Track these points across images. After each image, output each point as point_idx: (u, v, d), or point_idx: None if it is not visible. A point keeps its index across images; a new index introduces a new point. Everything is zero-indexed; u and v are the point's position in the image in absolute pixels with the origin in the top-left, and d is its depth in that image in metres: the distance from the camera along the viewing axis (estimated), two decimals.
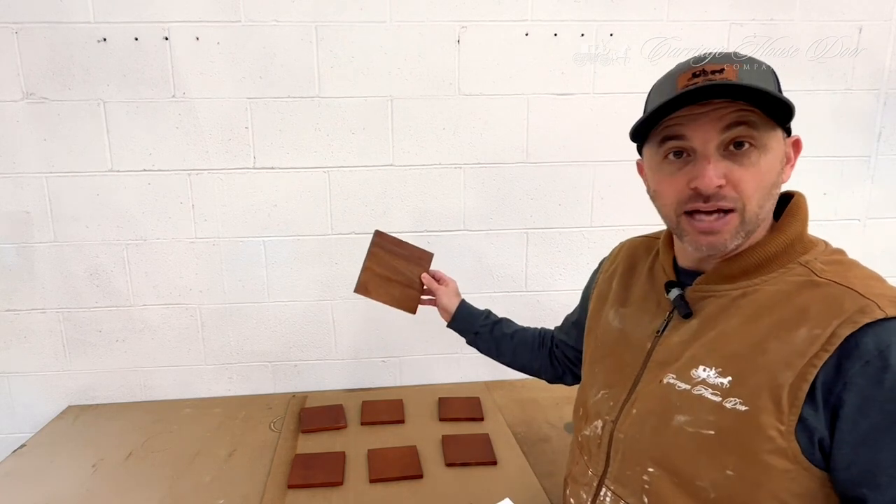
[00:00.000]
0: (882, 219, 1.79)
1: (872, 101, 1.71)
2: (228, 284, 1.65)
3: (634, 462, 0.73)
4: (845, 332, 0.58)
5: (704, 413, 0.65)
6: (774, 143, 0.65)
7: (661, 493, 0.69)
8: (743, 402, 0.62)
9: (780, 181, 0.67)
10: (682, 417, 0.67)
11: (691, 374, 0.68)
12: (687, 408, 0.67)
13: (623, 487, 0.75)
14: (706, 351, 0.67)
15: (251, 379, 1.72)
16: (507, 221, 1.68)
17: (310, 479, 1.23)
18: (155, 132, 1.55)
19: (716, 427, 0.64)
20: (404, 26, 1.55)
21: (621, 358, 0.79)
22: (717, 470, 0.64)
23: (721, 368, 0.65)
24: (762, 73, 0.65)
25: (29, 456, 1.39)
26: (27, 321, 1.62)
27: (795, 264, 0.66)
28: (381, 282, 1.24)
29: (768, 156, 0.64)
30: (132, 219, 1.59)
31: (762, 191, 0.65)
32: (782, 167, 0.67)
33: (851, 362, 0.57)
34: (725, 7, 1.61)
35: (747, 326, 0.65)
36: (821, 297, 0.61)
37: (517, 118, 1.62)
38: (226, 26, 1.51)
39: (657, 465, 0.70)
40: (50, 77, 1.50)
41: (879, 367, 0.56)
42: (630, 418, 0.74)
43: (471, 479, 1.24)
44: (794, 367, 0.60)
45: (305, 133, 1.58)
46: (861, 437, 0.58)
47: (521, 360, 1.19)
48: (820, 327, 0.59)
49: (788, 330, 0.61)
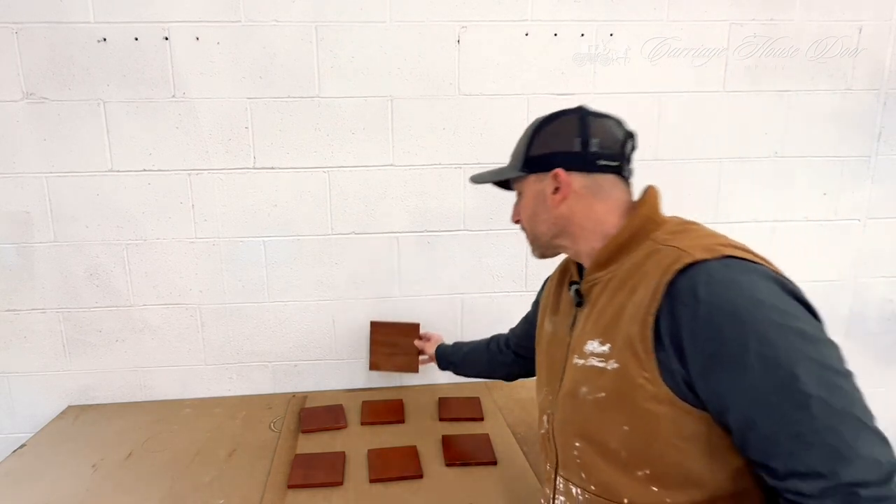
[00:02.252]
0: (882, 219, 1.79)
1: (872, 101, 1.71)
2: (228, 284, 1.65)
3: (567, 442, 0.82)
4: (666, 280, 0.68)
5: (596, 379, 0.76)
6: (524, 187, 0.90)
7: (591, 464, 0.78)
8: (616, 360, 0.73)
9: (542, 210, 0.86)
10: (584, 388, 0.78)
11: (584, 350, 0.79)
12: (585, 379, 0.78)
13: (567, 471, 0.83)
14: (591, 327, 0.79)
15: (251, 379, 1.72)
16: (507, 221, 1.67)
17: (310, 479, 1.23)
18: (155, 132, 1.55)
19: (605, 388, 0.74)
20: (404, 26, 1.55)
21: (553, 356, 0.90)
22: (617, 428, 0.73)
23: (601, 338, 0.76)
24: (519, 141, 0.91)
25: (29, 456, 1.39)
26: (27, 321, 1.62)
27: (646, 241, 0.77)
28: (386, 358, 1.66)
29: (525, 197, 0.90)
30: (132, 219, 1.59)
31: (527, 220, 0.91)
32: (543, 199, 0.85)
33: (676, 305, 0.67)
34: (725, 7, 1.61)
35: (613, 298, 0.77)
36: (658, 260, 0.72)
37: (517, 118, 1.62)
38: (226, 26, 1.51)
39: (580, 437, 0.79)
40: (50, 77, 1.50)
41: (693, 303, 0.65)
42: (559, 404, 0.85)
43: (471, 479, 1.24)
44: (637, 320, 0.70)
45: (305, 133, 1.58)
46: (701, 370, 0.65)
47: (494, 370, 1.36)
48: (652, 283, 0.70)
49: (635, 292, 0.73)
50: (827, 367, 0.60)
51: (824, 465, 0.57)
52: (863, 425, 0.58)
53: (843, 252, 1.80)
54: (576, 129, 0.82)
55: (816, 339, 0.61)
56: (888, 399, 1.88)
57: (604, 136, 0.82)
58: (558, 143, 0.83)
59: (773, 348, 0.60)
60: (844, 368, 0.61)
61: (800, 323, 0.62)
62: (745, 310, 0.62)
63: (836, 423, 0.58)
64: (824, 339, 0.62)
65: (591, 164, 0.82)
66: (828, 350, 0.61)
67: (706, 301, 0.64)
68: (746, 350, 0.61)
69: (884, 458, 0.57)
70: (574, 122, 0.83)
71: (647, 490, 0.72)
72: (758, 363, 0.61)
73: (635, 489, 0.73)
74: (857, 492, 0.56)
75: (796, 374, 0.59)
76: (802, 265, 1.78)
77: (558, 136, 0.84)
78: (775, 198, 1.74)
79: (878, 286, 1.83)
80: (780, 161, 1.72)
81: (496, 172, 0.95)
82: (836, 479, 0.57)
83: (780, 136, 1.71)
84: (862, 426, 0.58)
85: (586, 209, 0.83)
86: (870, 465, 0.57)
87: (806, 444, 0.58)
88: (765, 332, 0.61)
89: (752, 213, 1.74)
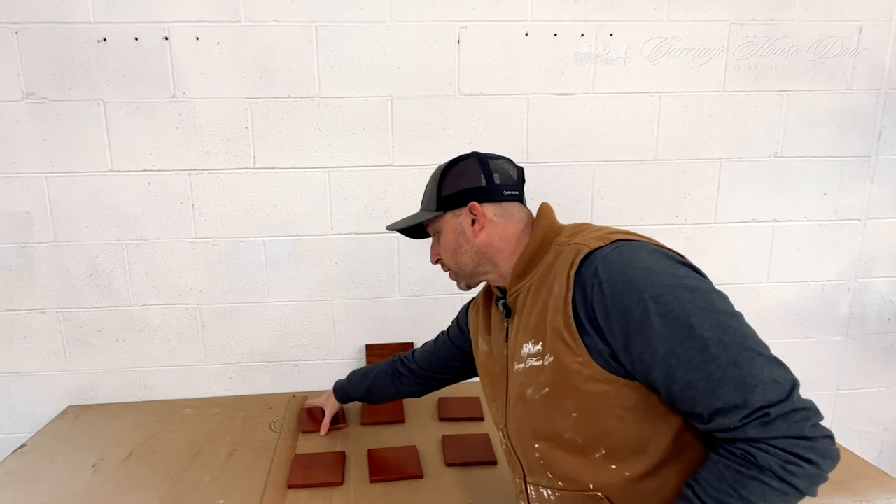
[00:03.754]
0: (882, 219, 1.79)
1: (872, 101, 1.71)
2: (228, 284, 1.65)
3: (525, 446, 0.87)
4: (573, 272, 0.77)
5: (537, 377, 0.82)
6: (443, 225, 0.95)
7: (553, 460, 0.83)
8: (550, 354, 0.79)
9: (465, 243, 0.93)
10: (530, 390, 0.83)
11: (521, 354, 0.85)
12: (528, 381, 0.84)
13: (534, 475, 0.88)
14: (522, 332, 0.86)
15: (251, 379, 1.72)
16: None
17: (310, 479, 1.23)
18: (155, 132, 1.55)
19: (548, 383, 0.80)
20: (404, 26, 1.55)
21: (493, 372, 0.96)
22: (566, 417, 0.79)
23: (534, 339, 0.83)
24: (429, 185, 0.98)
25: (29, 456, 1.39)
26: (27, 321, 1.62)
27: (553, 246, 0.85)
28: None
29: (444, 235, 0.95)
30: (132, 219, 1.59)
31: (450, 258, 0.96)
32: (464, 232, 0.92)
33: (586, 290, 0.75)
34: (725, 7, 1.61)
35: (536, 301, 0.83)
36: (563, 258, 0.80)
37: (517, 118, 1.62)
38: (226, 26, 1.51)
39: (537, 438, 0.84)
40: (50, 77, 1.50)
41: (596, 284, 0.73)
42: (509, 414, 0.90)
43: (471, 479, 1.24)
44: (559, 311, 0.77)
45: (305, 133, 1.58)
46: (621, 341, 0.72)
47: (405, 394, 1.34)
48: (562, 277, 0.78)
49: (551, 289, 0.80)
50: (717, 312, 0.68)
51: (737, 396, 0.65)
52: (757, 354, 0.66)
53: (843, 252, 1.80)
54: (478, 168, 0.93)
55: (704, 291, 0.70)
56: (888, 399, 1.88)
57: (501, 172, 0.93)
58: (466, 181, 0.92)
59: (668, 306, 0.69)
60: (733, 310, 0.70)
61: (687, 280, 0.71)
62: (638, 279, 0.71)
63: (736, 358, 0.66)
64: (710, 289, 0.71)
65: (498, 193, 0.92)
66: (714, 297, 0.70)
67: (606, 280, 0.73)
68: (648, 313, 0.69)
69: (782, 379, 0.65)
70: (475, 164, 0.93)
71: (606, 469, 0.78)
72: (659, 321, 0.69)
73: (597, 472, 0.79)
74: (768, 412, 0.64)
75: (692, 323, 0.67)
76: (802, 265, 1.78)
77: (464, 175, 0.93)
78: (775, 198, 1.74)
79: (878, 286, 1.83)
80: (780, 161, 1.72)
81: (413, 217, 1.00)
82: (749, 407, 0.64)
83: (780, 136, 1.71)
84: (757, 355, 0.66)
85: (501, 233, 0.91)
86: (772, 386, 0.64)
87: (717, 382, 0.66)
88: (658, 293, 0.69)
89: (752, 213, 1.74)
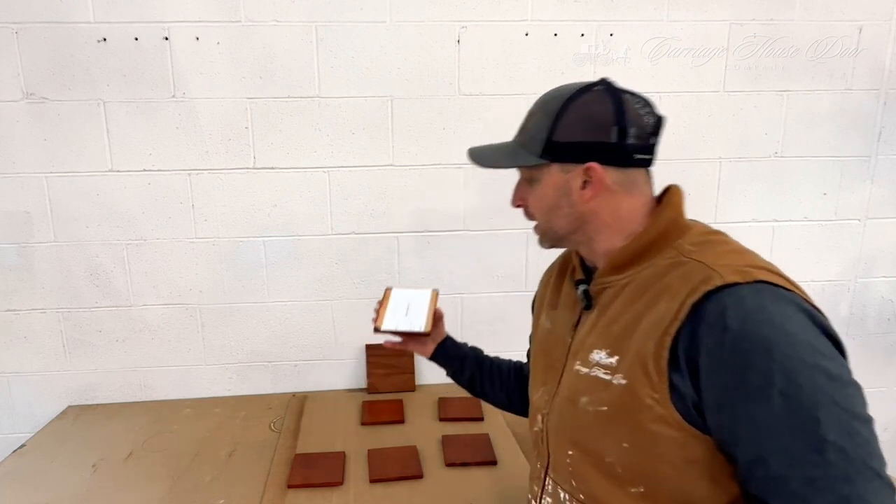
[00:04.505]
0: (882, 219, 1.79)
1: (872, 101, 1.71)
2: (228, 284, 1.65)
3: (560, 448, 0.79)
4: (691, 301, 0.64)
5: (599, 391, 0.72)
6: (543, 175, 0.77)
7: (583, 473, 0.75)
8: (624, 376, 0.69)
9: (566, 203, 0.77)
10: (585, 398, 0.74)
11: (589, 359, 0.74)
12: (587, 389, 0.74)
13: (558, 474, 0.81)
14: (598, 336, 0.74)
15: (251, 379, 1.72)
16: (507, 221, 1.68)
17: (310, 479, 1.23)
18: (155, 132, 1.55)
19: (608, 403, 0.70)
20: (404, 26, 1.55)
21: (551, 355, 0.85)
22: (616, 444, 0.70)
23: (609, 349, 0.72)
24: (538, 117, 0.77)
25: (29, 456, 1.39)
26: (27, 321, 1.62)
27: (669, 248, 0.72)
28: (382, 379, 1.69)
29: (540, 186, 0.78)
30: (132, 219, 1.59)
31: (542, 212, 0.81)
32: (567, 192, 0.76)
33: (700, 327, 0.63)
34: (725, 7, 1.61)
35: (627, 309, 0.72)
36: (680, 273, 0.68)
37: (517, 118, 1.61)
38: (226, 26, 1.51)
39: (574, 446, 0.76)
40: (50, 77, 1.49)
41: (720, 329, 0.61)
42: (555, 407, 0.81)
43: (471, 479, 1.24)
44: (654, 336, 0.66)
45: (305, 133, 1.58)
46: (717, 398, 0.62)
47: (504, 391, 1.13)
48: (674, 300, 0.66)
49: (654, 306, 0.68)
50: (849, 413, 0.58)
51: None
52: (876, 475, 0.57)
53: (843, 252, 1.80)
54: (610, 114, 0.71)
55: (843, 381, 0.59)
56: (888, 399, 1.88)
57: (639, 125, 0.72)
58: (593, 132, 0.72)
59: (799, 388, 0.58)
60: (866, 413, 0.59)
61: (828, 362, 0.59)
62: (774, 343, 0.59)
63: (851, 473, 0.56)
64: (850, 380, 0.60)
65: (628, 157, 0.73)
66: (853, 393, 0.59)
67: (735, 329, 0.60)
68: (770, 385, 0.58)
69: None
70: (607, 105, 0.72)
71: None
72: (780, 401, 0.58)
73: None
74: None
75: (818, 417, 0.57)
76: (802, 265, 1.78)
77: (591, 121, 0.72)
78: (775, 198, 1.74)
79: (878, 286, 1.83)
80: (780, 161, 1.72)
81: (505, 155, 0.81)
82: None
83: (780, 136, 1.71)
84: (875, 476, 0.57)
85: (614, 206, 0.75)
86: None
87: (817, 490, 0.57)
88: (792, 368, 0.58)
89: (752, 213, 1.74)
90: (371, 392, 1.68)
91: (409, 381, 1.70)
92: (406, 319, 1.13)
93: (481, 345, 1.18)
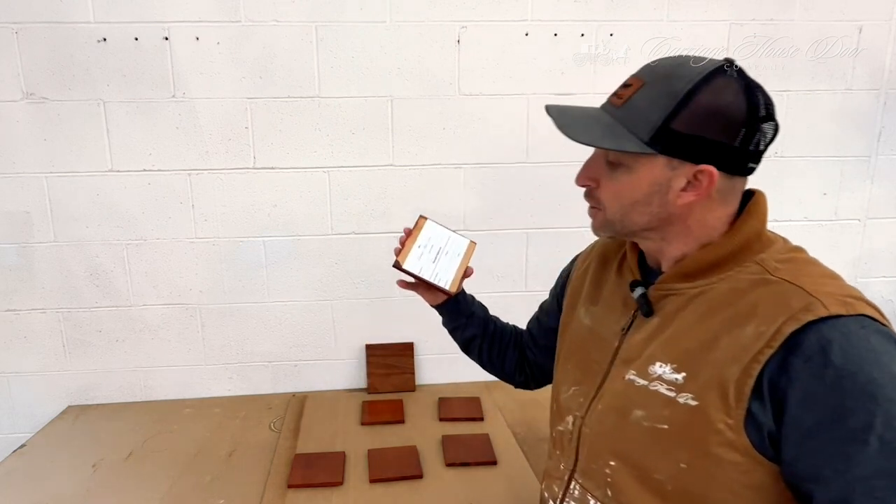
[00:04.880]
0: (882, 219, 1.79)
1: (872, 101, 1.71)
2: (228, 284, 1.65)
3: (598, 456, 0.75)
4: (789, 329, 0.59)
5: (659, 408, 0.67)
6: (642, 166, 0.67)
7: (623, 485, 0.72)
8: (694, 397, 0.64)
9: (656, 202, 0.68)
10: (640, 412, 0.69)
11: (649, 371, 0.69)
12: (644, 403, 0.69)
13: (589, 480, 0.77)
14: (663, 348, 0.69)
15: (251, 379, 1.72)
16: (507, 221, 1.68)
17: (310, 479, 1.23)
18: (155, 132, 1.55)
19: (669, 421, 0.66)
20: (404, 26, 1.55)
21: (590, 355, 0.81)
22: (672, 463, 0.66)
23: (676, 364, 0.67)
24: (656, 94, 0.66)
25: (29, 456, 1.39)
26: (27, 321, 1.62)
27: (751, 262, 0.67)
28: (382, 379, 1.68)
29: (633, 176, 0.68)
30: (132, 219, 1.59)
31: (619, 203, 0.70)
32: (662, 190, 0.67)
33: (795, 359, 0.59)
34: (725, 7, 1.61)
35: (701, 323, 0.66)
36: (770, 294, 0.63)
37: (517, 118, 1.62)
38: (226, 26, 1.51)
39: (618, 458, 0.72)
40: (50, 77, 1.49)
41: (821, 363, 0.57)
42: (596, 414, 0.76)
43: (471, 479, 1.24)
44: (740, 362, 0.61)
45: (305, 133, 1.58)
46: (805, 433, 0.59)
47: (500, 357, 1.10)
48: (766, 324, 0.61)
49: (739, 326, 0.63)
50: None
51: None
52: None
53: (843, 252, 1.80)
54: (744, 113, 0.63)
55: None
56: None
57: (763, 131, 0.65)
58: (720, 130, 0.64)
59: None
60: None
61: None
62: (880, 386, 0.56)
63: None
64: None
65: (742, 166, 0.67)
66: None
67: (838, 366, 0.57)
68: (870, 429, 0.55)
69: None
70: (741, 102, 0.64)
71: None
72: (877, 445, 0.55)
73: None
74: None
75: None
76: None
77: (721, 117, 0.63)
78: (775, 198, 1.72)
79: (878, 286, 1.83)
80: (780, 161, 1.72)
81: (604, 131, 0.68)
82: None
83: (780, 136, 1.70)
84: None
85: (705, 213, 0.69)
86: None
87: None
88: (895, 414, 0.55)
89: None
90: (371, 392, 1.68)
91: (409, 381, 1.69)
92: (432, 267, 0.97)
93: None
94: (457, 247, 1.03)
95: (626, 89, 0.69)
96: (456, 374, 1.77)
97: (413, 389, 1.68)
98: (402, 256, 0.96)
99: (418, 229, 1.02)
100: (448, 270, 0.98)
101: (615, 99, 0.70)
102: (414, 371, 1.70)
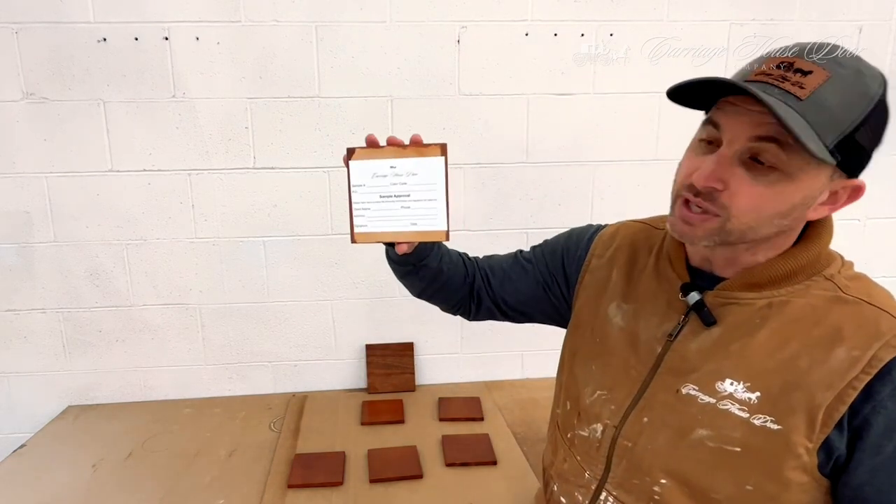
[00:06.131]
0: (882, 219, 1.79)
1: None
2: (228, 284, 1.65)
3: (644, 472, 0.70)
4: (887, 357, 0.57)
5: (729, 429, 0.64)
6: (806, 175, 0.59)
7: (672, 503, 0.68)
8: (775, 420, 0.61)
9: (795, 214, 0.62)
10: (704, 432, 0.65)
11: (716, 388, 0.65)
12: (710, 422, 0.65)
13: (628, 494, 0.72)
14: (733, 364, 0.65)
15: (251, 379, 1.72)
16: (507, 221, 1.68)
17: (310, 479, 1.23)
18: (155, 132, 1.55)
19: (742, 444, 0.63)
20: (404, 26, 1.55)
21: (625, 359, 0.75)
22: (737, 485, 0.63)
23: (750, 383, 0.63)
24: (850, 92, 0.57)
25: (29, 456, 1.39)
26: (27, 321, 1.62)
27: (820, 277, 0.65)
28: (382, 379, 1.69)
29: (789, 185, 0.59)
30: (132, 219, 1.59)
31: (758, 214, 0.61)
32: (809, 203, 0.61)
33: (883, 385, 0.57)
34: (725, 7, 1.61)
35: (777, 341, 0.63)
36: (852, 315, 0.61)
37: (517, 118, 1.62)
38: (226, 26, 1.51)
39: (670, 476, 0.68)
40: (50, 77, 1.49)
41: None
42: (640, 426, 0.72)
43: (471, 479, 1.24)
44: (835, 388, 0.59)
45: (305, 133, 1.58)
46: (882, 460, 0.58)
47: (444, 300, 0.98)
48: (859, 349, 0.59)
49: (824, 349, 0.60)
50: None
51: None
52: None
53: (843, 252, 1.79)
54: (885, 128, 0.61)
55: None
56: None
57: None
58: (877, 144, 0.61)
59: None
60: None
61: None
62: None
63: None
64: None
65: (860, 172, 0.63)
66: None
67: None
68: None
69: None
70: (888, 116, 0.61)
71: None
72: None
73: None
74: None
75: None
76: None
77: (881, 131, 0.60)
78: None
79: None
80: None
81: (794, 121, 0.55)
82: None
83: None
84: None
85: (815, 225, 0.67)
86: None
87: None
88: None
89: None
90: (371, 392, 1.68)
91: (409, 381, 1.70)
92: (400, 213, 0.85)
93: (481, 344, 1.18)
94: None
95: (807, 77, 0.57)
96: (456, 374, 1.77)
97: (413, 389, 1.69)
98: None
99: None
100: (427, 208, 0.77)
101: (794, 87, 0.57)
102: (414, 371, 1.71)
